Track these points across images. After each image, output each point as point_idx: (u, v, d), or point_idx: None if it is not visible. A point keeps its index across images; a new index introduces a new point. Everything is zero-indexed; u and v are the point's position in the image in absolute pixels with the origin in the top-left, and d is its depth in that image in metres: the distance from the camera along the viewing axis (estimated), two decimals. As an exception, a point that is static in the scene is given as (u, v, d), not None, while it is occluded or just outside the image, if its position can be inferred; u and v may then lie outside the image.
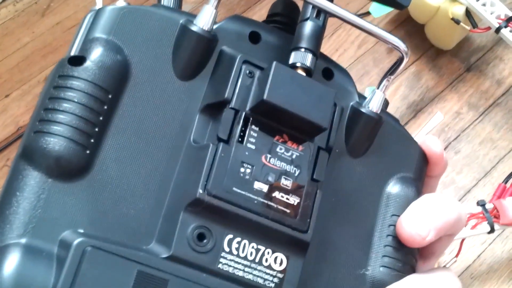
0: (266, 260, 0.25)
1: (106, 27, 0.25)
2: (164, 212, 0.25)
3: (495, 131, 1.19)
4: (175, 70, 0.26)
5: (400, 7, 0.29)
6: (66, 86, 0.23)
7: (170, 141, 0.25)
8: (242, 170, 0.25)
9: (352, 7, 1.24)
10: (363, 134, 0.29)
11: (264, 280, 0.25)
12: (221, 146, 0.25)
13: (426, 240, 0.27)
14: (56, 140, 0.23)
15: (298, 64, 0.27)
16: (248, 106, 0.25)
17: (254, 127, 0.26)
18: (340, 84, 0.29)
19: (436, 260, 0.30)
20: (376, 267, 0.28)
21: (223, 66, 0.26)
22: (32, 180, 0.23)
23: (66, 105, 0.23)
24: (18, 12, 1.34)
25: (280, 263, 0.26)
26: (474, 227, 0.97)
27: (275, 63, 0.25)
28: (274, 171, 0.26)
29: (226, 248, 0.25)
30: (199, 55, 0.26)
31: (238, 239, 0.25)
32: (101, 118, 0.24)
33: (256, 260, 0.25)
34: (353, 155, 0.29)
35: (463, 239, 0.97)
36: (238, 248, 0.25)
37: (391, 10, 1.17)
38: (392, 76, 0.28)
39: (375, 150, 0.29)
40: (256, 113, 0.25)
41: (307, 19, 0.28)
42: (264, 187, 0.25)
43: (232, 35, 0.27)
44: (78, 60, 0.24)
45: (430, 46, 1.27)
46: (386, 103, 0.29)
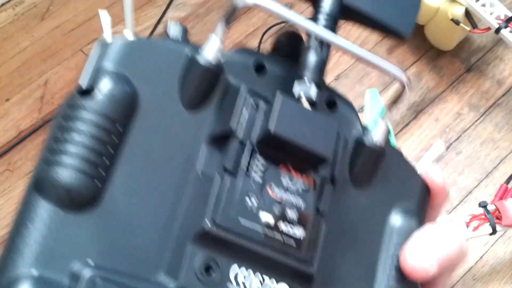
0: None
1: (116, 59, 0.25)
2: (172, 243, 0.25)
3: (496, 132, 1.20)
4: (182, 101, 0.26)
5: (401, 38, 0.30)
6: (77, 117, 0.24)
7: (177, 172, 0.26)
8: (248, 201, 0.25)
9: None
10: (367, 166, 0.29)
11: None
12: (228, 178, 0.25)
13: (430, 273, 0.28)
14: (67, 172, 0.23)
15: (302, 95, 0.27)
16: (253, 137, 0.26)
17: (259, 158, 0.26)
18: (343, 115, 0.29)
19: None
20: None
21: (229, 96, 0.27)
22: (43, 211, 0.23)
23: (77, 137, 0.23)
24: (17, 15, 1.34)
25: None
26: (476, 228, 0.97)
27: (279, 96, 0.26)
28: (280, 203, 0.26)
29: (232, 280, 0.25)
30: (205, 86, 0.26)
31: (244, 270, 0.25)
32: (111, 150, 0.24)
33: None
34: (356, 186, 0.29)
35: (465, 241, 0.97)
36: (244, 279, 0.25)
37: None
38: (396, 108, 0.29)
39: (378, 182, 0.29)
40: (262, 144, 0.26)
41: (310, 49, 0.28)
42: (270, 219, 0.25)
43: (238, 66, 0.28)
44: (88, 92, 0.24)
45: (430, 47, 1.27)
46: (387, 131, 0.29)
